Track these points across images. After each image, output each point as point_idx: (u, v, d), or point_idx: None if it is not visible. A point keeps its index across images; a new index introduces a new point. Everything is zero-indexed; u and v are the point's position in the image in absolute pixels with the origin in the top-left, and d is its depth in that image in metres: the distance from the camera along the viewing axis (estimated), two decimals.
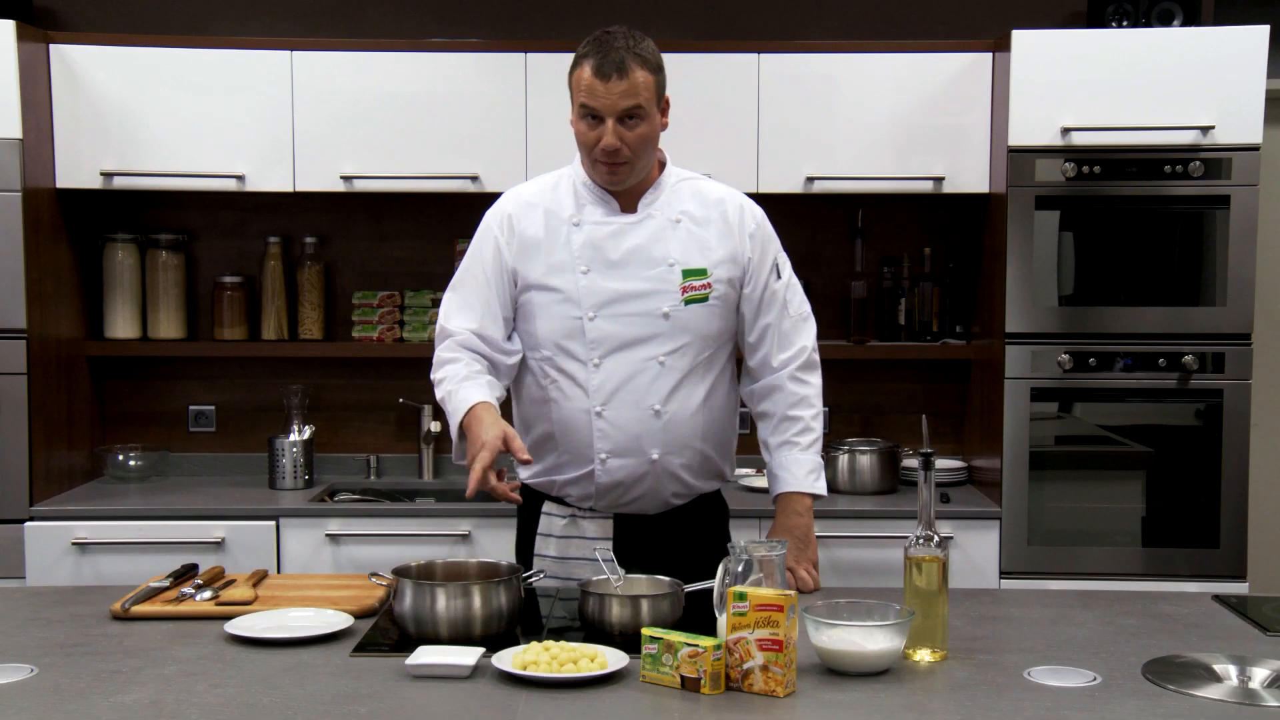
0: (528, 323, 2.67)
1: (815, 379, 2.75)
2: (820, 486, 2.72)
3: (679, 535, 2.69)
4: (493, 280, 2.66)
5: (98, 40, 3.86)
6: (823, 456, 2.75)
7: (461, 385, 2.58)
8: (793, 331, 2.72)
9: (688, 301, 2.61)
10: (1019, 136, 3.68)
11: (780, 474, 2.73)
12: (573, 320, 2.61)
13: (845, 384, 4.23)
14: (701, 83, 3.86)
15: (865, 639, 2.10)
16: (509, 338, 2.69)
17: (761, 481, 3.74)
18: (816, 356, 2.76)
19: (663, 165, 2.69)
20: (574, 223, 2.64)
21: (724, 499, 2.83)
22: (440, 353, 2.68)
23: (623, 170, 2.58)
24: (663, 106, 2.60)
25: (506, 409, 2.72)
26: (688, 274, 2.61)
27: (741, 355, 2.79)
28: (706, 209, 2.67)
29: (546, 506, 2.73)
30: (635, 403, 2.60)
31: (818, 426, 2.73)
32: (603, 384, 2.60)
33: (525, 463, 2.48)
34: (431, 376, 2.69)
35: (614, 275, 2.61)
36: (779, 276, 2.72)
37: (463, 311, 2.67)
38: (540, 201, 2.68)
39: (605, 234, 2.63)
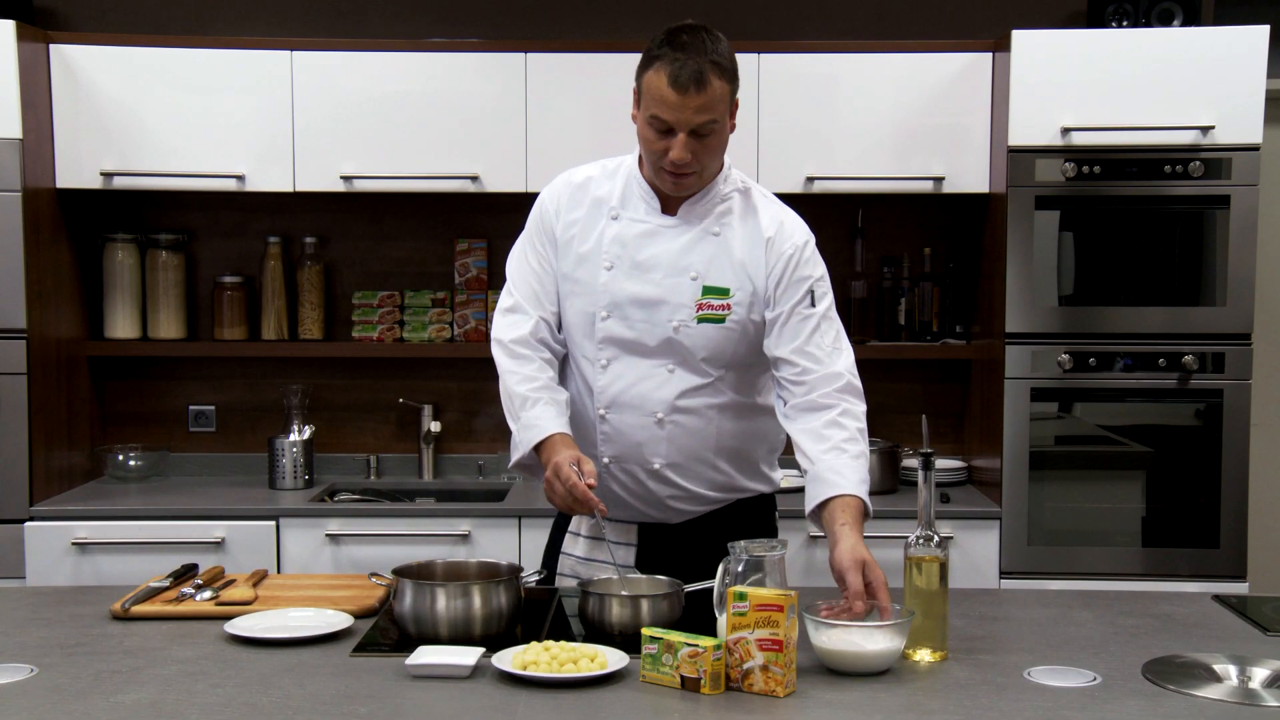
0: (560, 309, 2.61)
1: (859, 404, 2.49)
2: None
3: (711, 540, 2.46)
4: (549, 261, 2.57)
5: (98, 40, 3.86)
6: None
7: (539, 404, 2.47)
8: (828, 359, 2.49)
9: (700, 319, 2.49)
10: (1019, 136, 3.68)
11: (831, 478, 2.38)
12: (587, 316, 2.54)
13: None
14: None
15: (865, 639, 2.10)
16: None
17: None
18: (858, 383, 2.52)
19: (720, 167, 2.54)
20: (612, 215, 2.54)
21: (769, 503, 2.68)
22: (511, 343, 2.54)
23: (689, 180, 2.46)
24: (733, 109, 2.45)
25: None
26: (708, 291, 2.49)
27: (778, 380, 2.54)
28: (748, 227, 2.52)
29: None
30: (638, 409, 2.52)
31: (863, 440, 2.46)
32: (607, 387, 2.53)
33: (589, 487, 2.36)
34: (500, 362, 2.54)
35: (635, 278, 2.50)
36: (812, 305, 2.50)
37: (535, 298, 2.56)
38: (593, 186, 2.57)
39: (636, 233, 2.52)
